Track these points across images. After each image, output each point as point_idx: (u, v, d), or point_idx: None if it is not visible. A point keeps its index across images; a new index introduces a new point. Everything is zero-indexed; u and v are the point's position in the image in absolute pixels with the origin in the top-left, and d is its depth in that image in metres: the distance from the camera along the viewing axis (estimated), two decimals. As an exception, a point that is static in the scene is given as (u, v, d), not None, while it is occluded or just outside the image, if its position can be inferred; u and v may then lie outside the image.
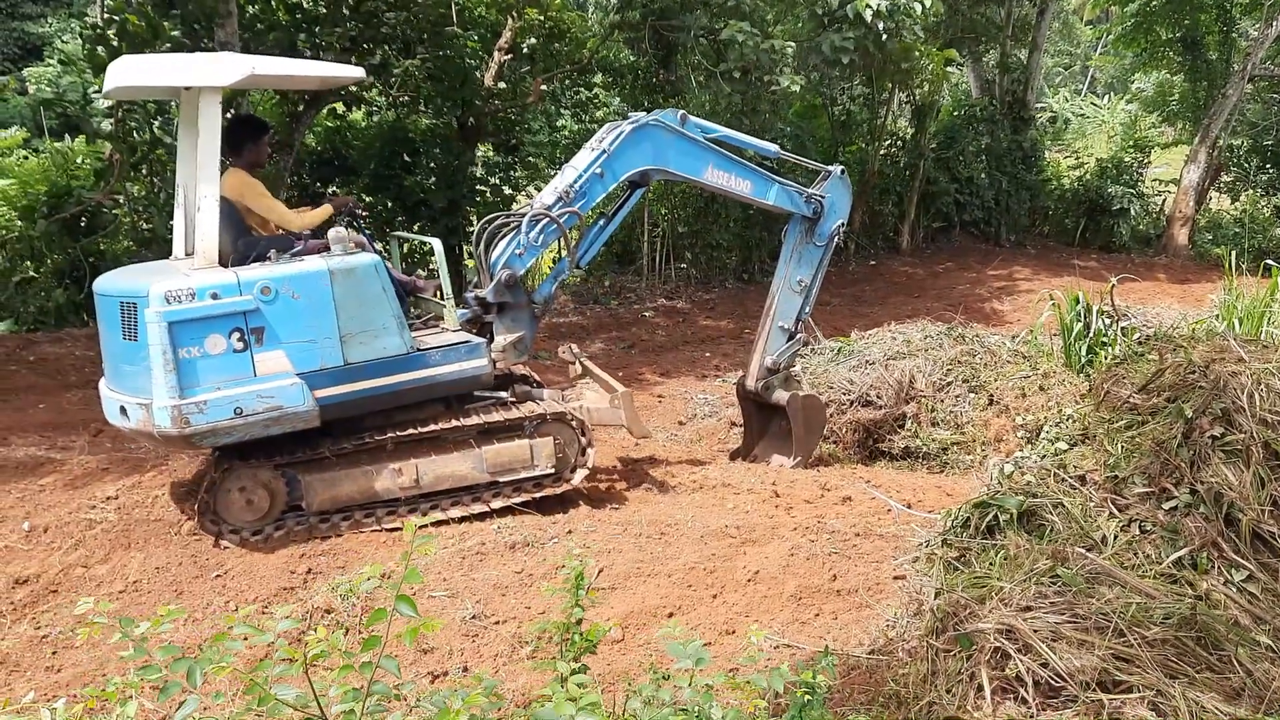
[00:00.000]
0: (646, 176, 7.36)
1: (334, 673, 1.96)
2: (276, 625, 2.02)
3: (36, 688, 4.39)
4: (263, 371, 5.79)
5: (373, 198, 15.25)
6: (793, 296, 8.13)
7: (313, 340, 5.92)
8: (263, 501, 6.00)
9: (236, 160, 6.63)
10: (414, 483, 6.35)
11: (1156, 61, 23.94)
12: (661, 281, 16.90)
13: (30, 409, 8.80)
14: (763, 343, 8.15)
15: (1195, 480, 4.17)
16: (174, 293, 5.56)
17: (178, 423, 5.55)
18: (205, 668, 1.89)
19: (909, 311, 13.55)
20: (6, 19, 30.99)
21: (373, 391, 6.14)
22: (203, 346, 5.63)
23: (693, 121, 7.43)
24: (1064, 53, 41.10)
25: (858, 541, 5.86)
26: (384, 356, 6.15)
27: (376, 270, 6.13)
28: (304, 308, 5.89)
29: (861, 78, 18.33)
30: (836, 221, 8.11)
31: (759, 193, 7.76)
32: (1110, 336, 9.20)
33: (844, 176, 8.18)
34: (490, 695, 2.14)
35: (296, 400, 5.85)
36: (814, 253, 8.14)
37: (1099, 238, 22.13)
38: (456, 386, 6.53)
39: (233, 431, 5.75)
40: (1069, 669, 3.42)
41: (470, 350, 6.52)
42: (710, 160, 7.46)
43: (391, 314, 6.17)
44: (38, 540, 5.80)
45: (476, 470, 6.50)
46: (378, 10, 13.35)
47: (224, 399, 5.66)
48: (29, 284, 12.56)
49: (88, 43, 12.26)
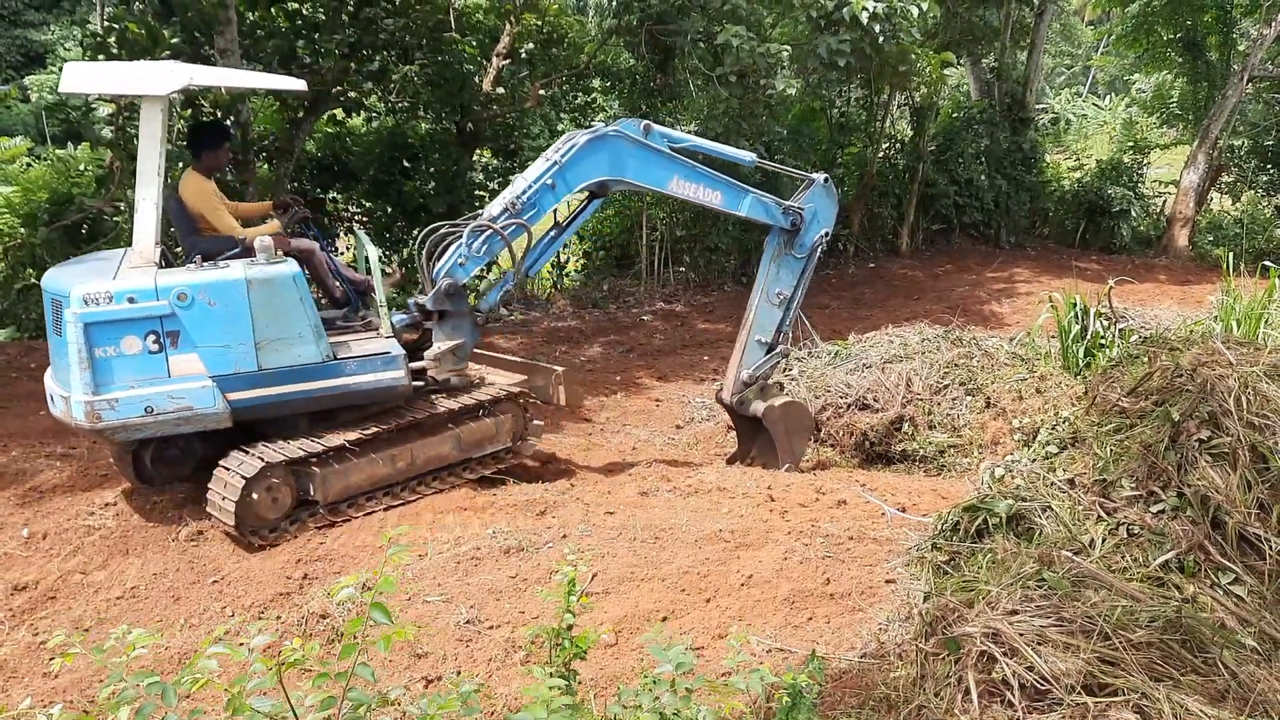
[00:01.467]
0: (605, 187, 7.44)
1: (310, 680, 1.99)
2: (251, 641, 2.05)
3: (34, 694, 4.43)
4: (176, 373, 6.06)
5: (372, 203, 15.32)
6: (771, 309, 8.02)
7: (227, 345, 6.16)
8: (285, 498, 6.25)
9: (196, 164, 6.93)
10: (409, 464, 6.81)
11: (1157, 62, 23.94)
12: (660, 285, 16.92)
13: (31, 416, 8.84)
14: (739, 356, 8.08)
15: (1182, 483, 4.20)
16: (92, 295, 5.85)
17: (90, 417, 5.88)
18: (179, 688, 1.92)
19: (908, 314, 13.57)
20: (9, 26, 31.10)
21: (286, 397, 6.38)
22: (118, 347, 5.92)
23: (657, 131, 7.43)
24: (1065, 53, 41.11)
25: (851, 545, 5.87)
26: (298, 364, 6.38)
27: (295, 281, 6.33)
28: (220, 314, 6.12)
29: (859, 80, 18.34)
30: (819, 231, 7.99)
31: (731, 204, 7.70)
32: (1108, 338, 9.22)
33: (828, 185, 8.05)
34: (466, 702, 2.17)
35: (207, 402, 6.12)
36: (794, 264, 8.02)
37: (1099, 239, 22.10)
38: (372, 396, 6.73)
39: (144, 428, 6.05)
40: (1054, 672, 3.44)
41: (387, 362, 6.71)
42: (675, 171, 7.43)
43: (308, 323, 6.39)
44: (37, 547, 5.85)
45: (454, 450, 7.09)
46: (376, 17, 13.40)
47: (136, 398, 5.95)
48: (30, 291, 12.61)
49: (88, 50, 12.32)
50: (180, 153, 12.60)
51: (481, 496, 6.78)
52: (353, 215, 15.34)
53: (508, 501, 6.74)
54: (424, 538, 6.14)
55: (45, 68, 26.95)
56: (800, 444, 8.20)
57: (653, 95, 16.34)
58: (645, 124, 7.39)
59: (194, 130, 7.07)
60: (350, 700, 1.88)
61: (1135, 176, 22.57)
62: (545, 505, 6.70)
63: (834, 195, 8.15)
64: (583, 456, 8.23)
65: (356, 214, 15.39)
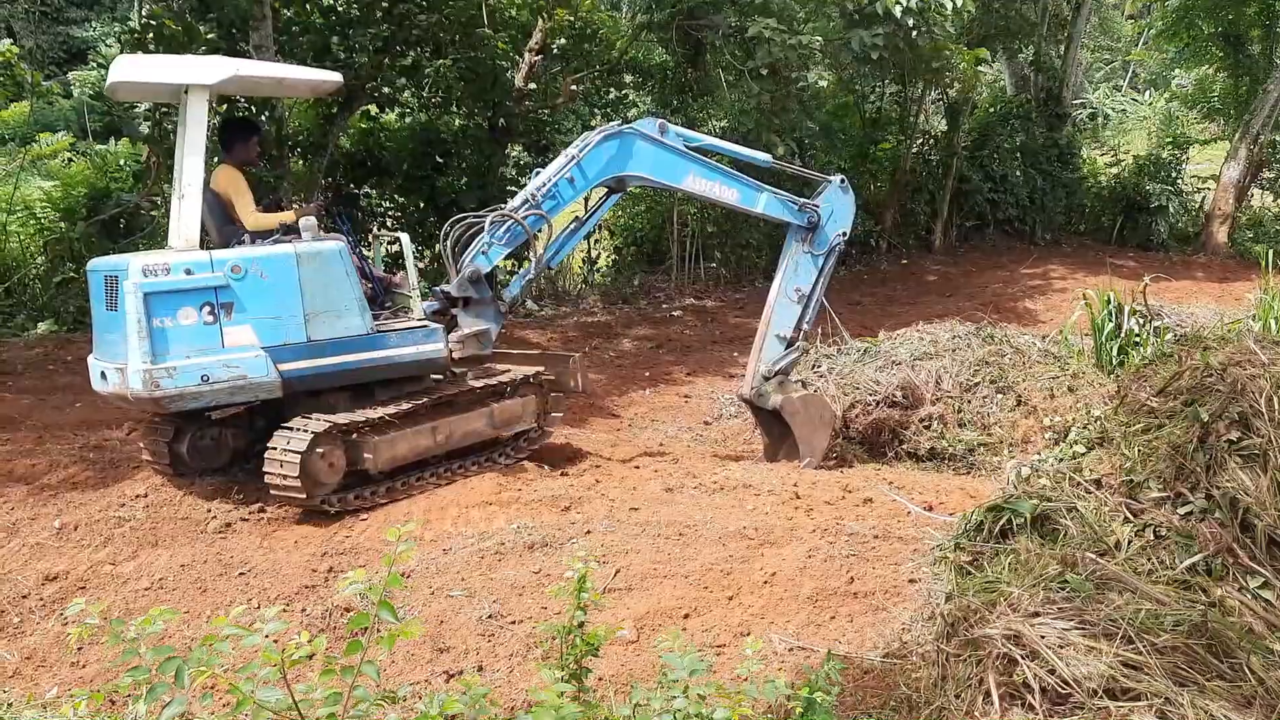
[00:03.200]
0: (622, 182, 7.62)
1: (318, 676, 2.00)
2: (265, 629, 2.07)
3: (61, 683, 4.49)
4: (230, 344, 6.25)
5: (405, 198, 15.40)
6: (789, 305, 8.06)
7: (278, 317, 6.37)
8: (340, 463, 6.45)
9: (228, 157, 7.12)
10: (447, 438, 7.05)
11: (1198, 57, 23.60)
12: (690, 281, 16.90)
13: (67, 408, 8.97)
14: (758, 351, 8.11)
15: (1211, 485, 4.13)
16: (151, 267, 6.07)
17: (149, 386, 6.02)
18: (192, 669, 1.94)
19: (940, 311, 13.43)
20: (52, 23, 31.51)
21: (334, 368, 6.60)
22: (175, 317, 6.11)
23: (674, 130, 7.60)
24: (1104, 48, 40.57)
25: (876, 544, 5.83)
26: (345, 335, 6.60)
27: (340, 255, 6.61)
28: (271, 287, 6.36)
29: (893, 76, 18.22)
30: (837, 230, 8.06)
31: (747, 201, 7.83)
32: (1143, 336, 9.11)
33: (844, 185, 8.13)
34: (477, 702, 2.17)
35: (260, 371, 6.30)
36: (812, 261, 8.07)
37: (1137, 236, 21.83)
38: (413, 368, 7.00)
39: (200, 397, 6.21)
40: (1076, 676, 3.40)
41: (427, 335, 6.98)
42: (691, 169, 7.61)
43: (354, 296, 6.64)
44: (68, 537, 5.93)
45: (488, 425, 7.34)
46: (410, 12, 13.48)
47: (193, 366, 6.13)
48: (69, 284, 12.80)
49: (126, 47, 12.49)
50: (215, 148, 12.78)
51: (507, 491, 6.79)
52: (385, 211, 15.42)
53: (533, 497, 6.75)
54: (448, 532, 6.17)
55: (86, 64, 27.28)
56: (821, 439, 8.11)
57: (684, 90, 16.32)
58: (660, 123, 7.57)
59: (225, 125, 7.30)
60: (355, 697, 1.90)
61: (1174, 172, 22.25)
62: (570, 501, 6.71)
63: (850, 195, 8.23)
64: (609, 452, 8.23)
65: (389, 209, 15.47)
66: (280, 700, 1.89)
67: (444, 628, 4.95)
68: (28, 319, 12.29)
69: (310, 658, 1.99)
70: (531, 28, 15.24)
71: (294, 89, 8.39)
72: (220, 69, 6.43)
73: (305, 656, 1.98)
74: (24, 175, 15.95)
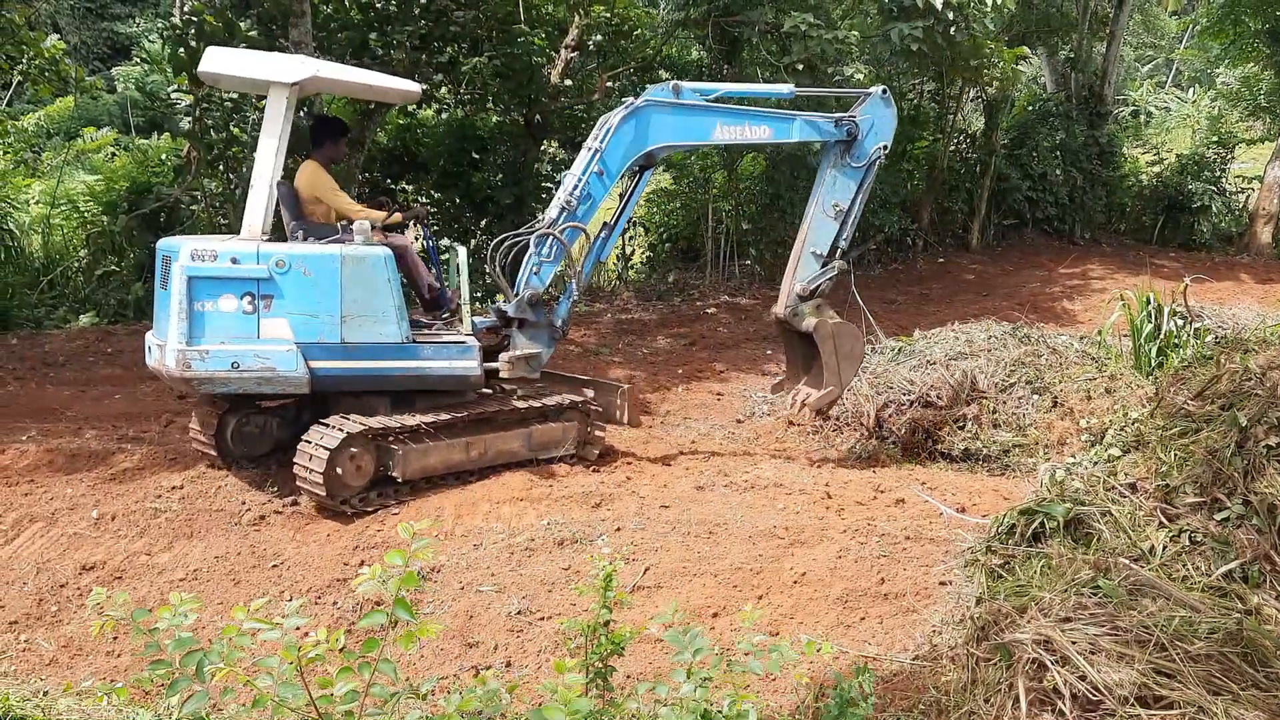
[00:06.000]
0: (651, 157, 7.51)
1: (336, 673, 2.02)
2: (286, 622, 2.08)
3: (97, 671, 4.56)
4: (265, 335, 6.41)
5: (441, 194, 15.47)
6: (826, 221, 7.81)
7: (315, 315, 6.49)
8: (369, 467, 6.53)
9: (316, 154, 7.33)
10: (481, 454, 7.04)
11: (1244, 54, 23.20)
12: (725, 278, 16.85)
13: (107, 400, 9.09)
14: (793, 268, 7.88)
15: (1249, 491, 4.07)
16: (199, 252, 6.29)
17: (180, 365, 6.25)
18: (214, 662, 1.96)
19: (976, 310, 13.33)
20: (96, 19, 31.97)
21: (364, 372, 6.68)
22: (216, 303, 6.31)
23: (688, 88, 7.44)
24: (1147, 45, 40.04)
25: (908, 545, 5.80)
26: (379, 341, 6.67)
27: (385, 263, 6.67)
28: (312, 284, 6.47)
29: (931, 74, 18.07)
30: (878, 143, 7.84)
31: (781, 133, 7.67)
32: (1183, 338, 8.97)
33: (886, 96, 7.89)
34: (494, 699, 2.18)
35: (290, 365, 6.41)
36: (851, 174, 7.83)
37: (1179, 235, 21.51)
38: (444, 382, 7.00)
39: (228, 383, 6.37)
40: (1107, 683, 3.36)
41: (462, 351, 6.98)
42: (716, 119, 7.48)
43: (392, 304, 6.69)
44: (105, 528, 6.02)
45: (524, 447, 7.30)
46: (447, 9, 13.51)
47: (225, 352, 6.30)
48: (110, 277, 12.98)
49: (168, 43, 12.63)
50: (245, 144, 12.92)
51: (538, 488, 6.82)
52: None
53: (564, 493, 6.77)
54: (479, 528, 6.20)
55: (130, 59, 27.64)
56: (848, 370, 7.90)
57: (720, 87, 16.25)
58: (674, 84, 7.44)
59: (314, 124, 7.52)
60: (374, 695, 1.91)
61: (1218, 171, 21.90)
62: (601, 498, 6.72)
63: (892, 106, 8.01)
64: (641, 449, 8.23)
65: (425, 204, 15.55)
66: (298, 696, 1.91)
67: (473, 623, 4.97)
68: (69, 311, 12.47)
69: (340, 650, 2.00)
70: (568, 24, 15.25)
71: (374, 94, 8.52)
72: (300, 69, 6.60)
73: (320, 655, 1.98)
74: (68, 170, 16.23)
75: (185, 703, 1.95)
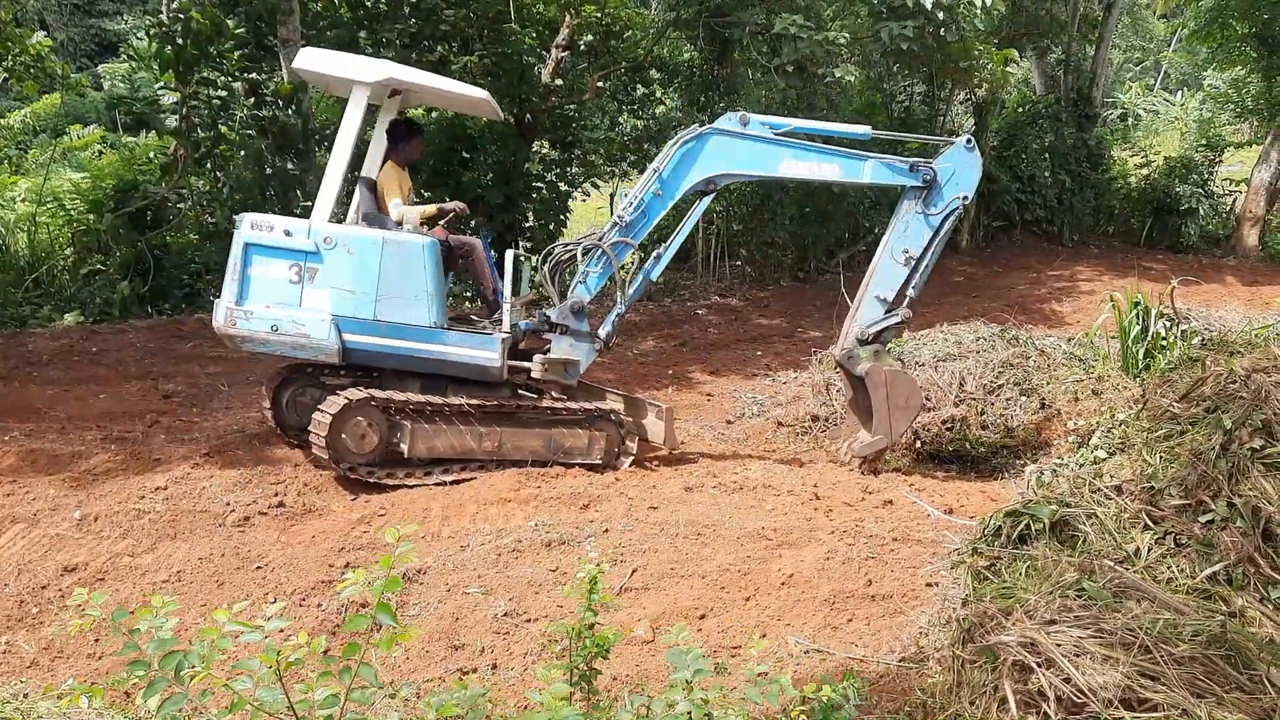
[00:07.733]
0: (712, 183, 7.58)
1: (316, 677, 2.00)
2: (267, 625, 2.06)
3: (78, 674, 4.52)
4: (306, 304, 6.94)
5: (431, 193, 15.42)
6: (895, 266, 7.57)
7: (352, 291, 6.97)
8: (374, 436, 6.84)
9: (393, 155, 7.68)
10: (495, 447, 7.23)
11: (1231, 58, 23.28)
12: (716, 279, 16.85)
13: (91, 399, 9.03)
14: (855, 310, 7.72)
15: (1233, 493, 4.08)
16: (258, 223, 6.95)
17: (227, 323, 6.89)
18: (193, 663, 1.94)
19: (965, 312, 13.33)
20: (84, 16, 31.83)
21: (390, 350, 7.09)
22: (266, 269, 6.92)
23: (756, 120, 7.44)
24: (1135, 48, 40.15)
25: (895, 546, 5.81)
26: (408, 323, 7.06)
27: (424, 250, 7.06)
28: (354, 262, 6.97)
29: (920, 76, 18.09)
30: (957, 193, 7.49)
31: (851, 173, 7.52)
32: (1170, 340, 8.99)
33: (970, 146, 7.58)
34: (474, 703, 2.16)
35: (322, 335, 6.91)
36: (925, 223, 7.55)
37: (1166, 238, 21.61)
38: (465, 369, 7.25)
39: (267, 343, 6.96)
40: (1092, 685, 3.36)
41: (482, 341, 7.20)
42: (784, 154, 7.48)
43: (425, 290, 7.06)
44: (88, 529, 5.97)
45: (545, 448, 7.40)
46: (437, 7, 13.49)
47: (267, 315, 6.89)
48: (95, 276, 12.89)
49: (155, 39, 12.57)
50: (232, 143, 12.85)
51: (525, 489, 6.80)
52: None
53: (552, 494, 6.76)
54: (466, 529, 6.18)
55: (117, 56, 27.49)
56: (900, 421, 7.67)
57: (710, 88, 16.26)
58: (742, 115, 7.45)
59: (393, 126, 7.72)
60: (353, 700, 1.89)
61: (1206, 174, 21.99)
62: (589, 499, 6.71)
63: (977, 156, 7.67)
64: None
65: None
66: (277, 701, 1.89)
67: (459, 625, 4.95)
68: (54, 310, 12.38)
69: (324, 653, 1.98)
70: (558, 24, 15.22)
71: (446, 101, 9.02)
72: (376, 70, 7.13)
73: (299, 659, 1.97)
74: (55, 167, 16.13)
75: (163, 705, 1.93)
